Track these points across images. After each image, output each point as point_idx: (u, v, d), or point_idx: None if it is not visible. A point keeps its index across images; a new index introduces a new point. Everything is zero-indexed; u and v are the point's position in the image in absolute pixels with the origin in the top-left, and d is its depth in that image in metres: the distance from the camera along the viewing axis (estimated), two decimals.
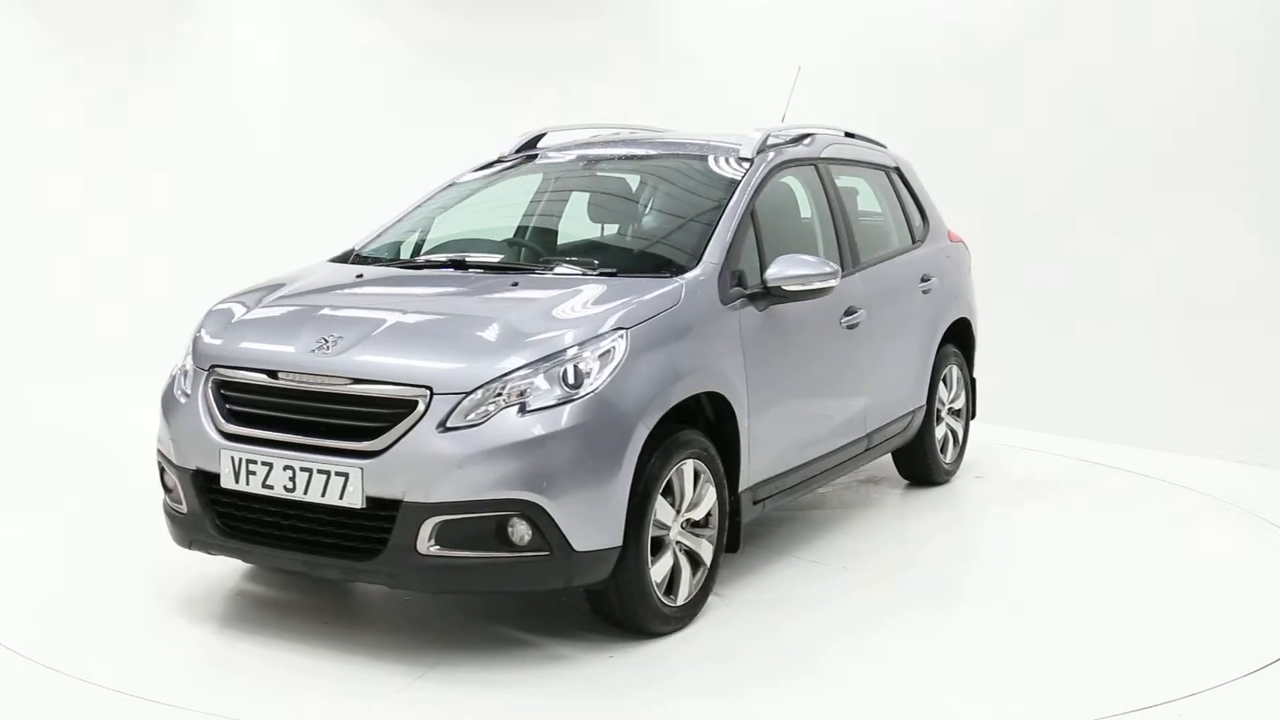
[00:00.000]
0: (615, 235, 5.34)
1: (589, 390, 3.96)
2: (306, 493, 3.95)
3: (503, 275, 4.69)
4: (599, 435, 3.94)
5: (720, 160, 5.23)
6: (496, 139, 6.20)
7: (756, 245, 4.85)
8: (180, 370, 4.49)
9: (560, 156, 5.73)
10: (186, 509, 4.28)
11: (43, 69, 10.01)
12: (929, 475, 6.35)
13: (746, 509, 4.67)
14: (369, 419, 3.94)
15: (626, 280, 4.49)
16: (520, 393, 3.91)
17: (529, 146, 5.86)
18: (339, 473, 3.90)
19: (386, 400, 3.94)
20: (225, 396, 4.24)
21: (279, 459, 4.00)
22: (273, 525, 4.09)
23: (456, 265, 4.87)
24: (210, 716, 3.67)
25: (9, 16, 9.92)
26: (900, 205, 6.26)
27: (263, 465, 4.03)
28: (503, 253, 5.16)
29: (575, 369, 3.98)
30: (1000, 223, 7.86)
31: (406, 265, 5.04)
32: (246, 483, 4.06)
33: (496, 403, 3.90)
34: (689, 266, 4.56)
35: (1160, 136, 7.50)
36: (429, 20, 10.49)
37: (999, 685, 4.03)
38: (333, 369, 4.04)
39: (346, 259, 5.17)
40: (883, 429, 5.72)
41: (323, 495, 3.92)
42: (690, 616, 4.39)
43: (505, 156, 5.81)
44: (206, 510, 4.20)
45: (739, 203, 4.86)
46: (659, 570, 4.20)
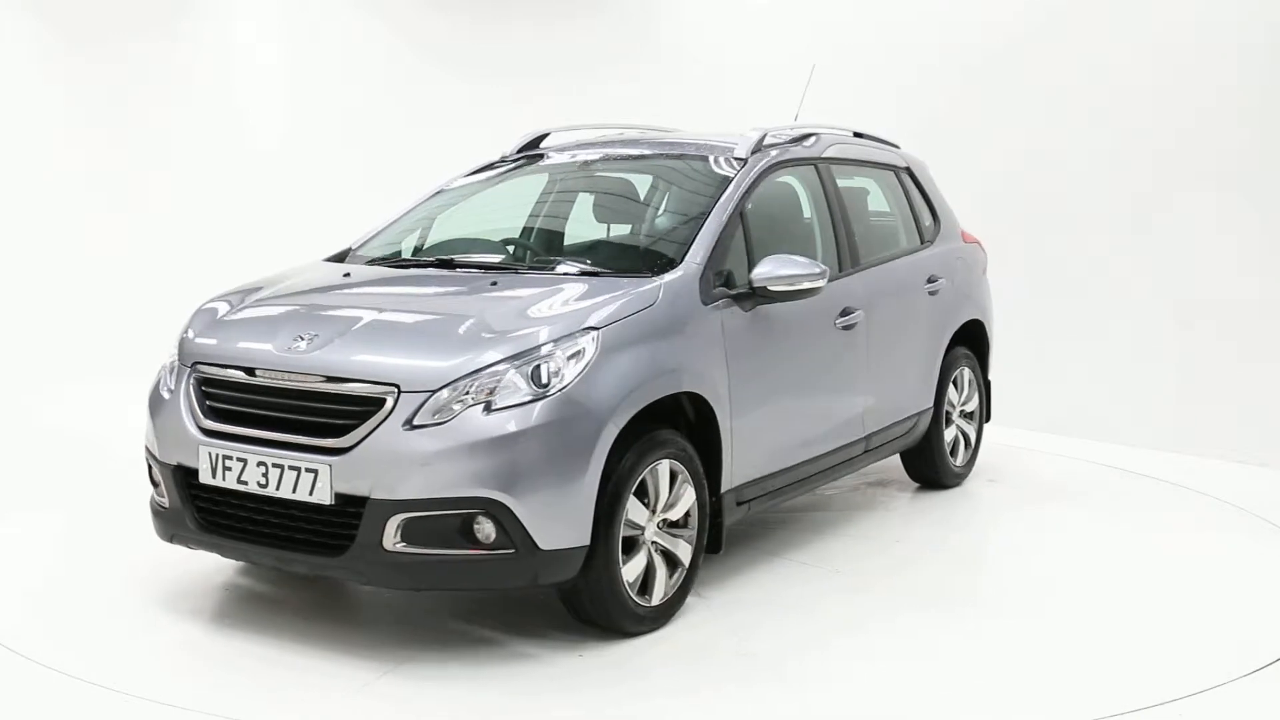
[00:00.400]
0: (604, 235, 5.36)
1: (557, 389, 3.97)
2: (279, 489, 4.00)
3: (485, 275, 4.71)
4: (565, 434, 3.94)
5: (714, 160, 5.21)
6: (496, 139, 6.21)
7: (746, 245, 4.84)
8: (165, 367, 4.57)
9: (557, 157, 5.73)
10: (168, 504, 4.36)
11: (43, 69, 10.01)
12: (938, 478, 6.30)
13: (730, 510, 4.66)
14: (339, 416, 3.99)
15: (606, 280, 4.49)
16: (488, 391, 3.94)
17: (531, 146, 5.87)
18: (309, 469, 3.95)
19: (356, 398, 3.99)
20: (206, 393, 4.31)
21: (253, 455, 4.06)
22: (248, 521, 4.14)
23: (444, 265, 4.91)
24: (166, 707, 3.73)
25: (9, 16, 9.93)
26: (909, 206, 6.21)
27: (238, 461, 4.08)
28: (490, 253, 5.16)
29: (544, 368, 4.00)
30: (999, 223, 7.86)
31: (395, 265, 5.07)
32: (223, 478, 4.12)
33: (463, 401, 3.92)
34: (672, 267, 4.57)
35: (1160, 136, 7.50)
36: (429, 20, 10.49)
37: (998, 686, 4.02)
38: (306, 366, 4.10)
39: (342, 259, 5.23)
40: (883, 431, 5.68)
41: (294, 491, 3.97)
42: (667, 617, 4.38)
43: (507, 156, 5.83)
44: (187, 505, 4.27)
45: (728, 203, 4.85)
46: (631, 570, 4.20)
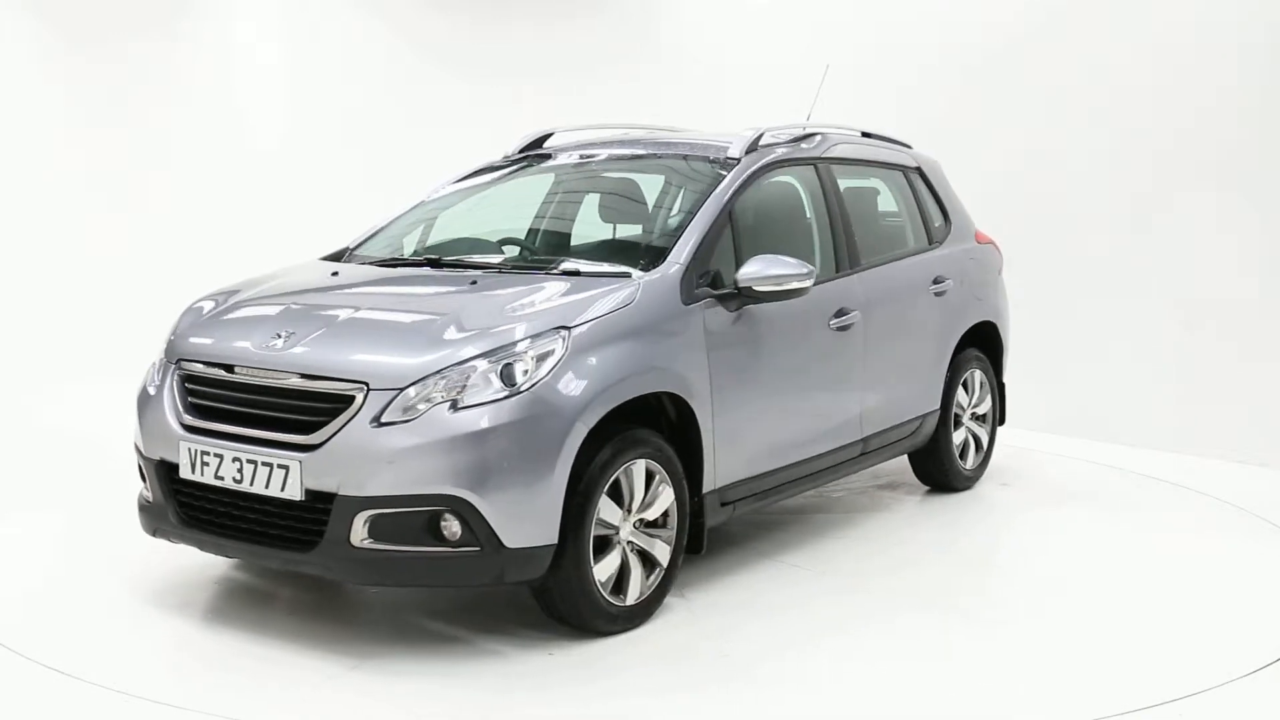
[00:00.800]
0: (596, 235, 5.37)
1: (524, 388, 3.98)
2: (252, 484, 4.06)
3: (467, 274, 4.72)
4: (533, 433, 3.96)
5: (707, 160, 5.20)
6: (497, 139, 6.22)
7: (734, 245, 4.82)
8: (153, 365, 4.64)
9: (555, 158, 5.74)
10: (152, 498, 4.45)
11: (43, 69, 10.02)
12: (948, 481, 6.24)
13: (713, 511, 4.65)
14: (311, 413, 4.04)
15: (585, 280, 4.49)
16: (456, 389, 3.96)
17: (534, 146, 5.87)
18: (280, 465, 4.00)
19: (327, 395, 4.03)
20: (188, 389, 4.38)
21: (229, 451, 4.11)
22: (225, 516, 4.20)
23: (432, 264, 4.93)
24: (135, 699, 3.78)
25: (9, 16, 9.93)
26: (918, 206, 6.16)
27: (215, 457, 4.15)
28: (480, 253, 5.16)
29: (513, 367, 4.01)
30: (998, 223, 7.85)
31: (383, 264, 5.08)
32: (202, 473, 4.19)
33: (431, 399, 3.94)
34: (655, 266, 4.57)
35: (1160, 136, 7.50)
36: (429, 20, 10.49)
37: (997, 686, 4.02)
38: (281, 364, 4.16)
39: (339, 258, 5.26)
40: (883, 433, 5.63)
41: (266, 487, 4.02)
42: (644, 616, 4.38)
43: (509, 156, 5.84)
44: (169, 500, 4.34)
45: (715, 203, 4.84)
46: (604, 569, 4.20)
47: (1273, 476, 6.77)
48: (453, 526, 3.92)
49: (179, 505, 4.32)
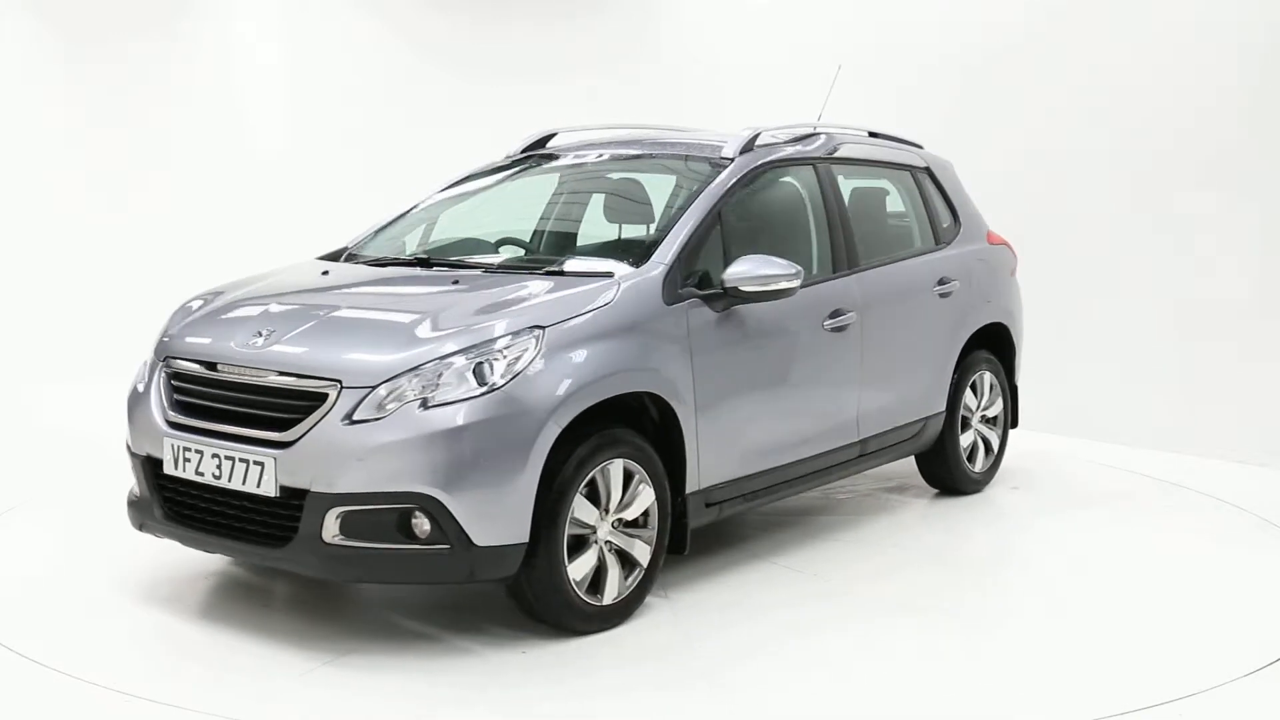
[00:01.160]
0: (595, 235, 5.38)
1: (495, 387, 3.99)
2: (230, 481, 4.11)
3: (451, 274, 4.75)
4: (502, 432, 3.96)
5: (701, 160, 5.19)
6: (497, 139, 6.22)
7: (724, 246, 4.82)
8: (144, 363, 4.69)
9: (556, 159, 5.74)
10: (139, 494, 4.53)
11: (43, 69, 10.01)
12: (955, 484, 6.19)
13: (697, 512, 4.64)
14: (287, 410, 4.08)
15: (566, 279, 4.50)
16: (427, 388, 3.98)
17: (537, 146, 5.87)
18: (256, 462, 4.05)
19: (301, 392, 4.08)
20: (174, 387, 4.45)
21: (209, 447, 4.17)
22: (206, 512, 4.26)
23: (421, 264, 4.96)
24: (109, 692, 3.84)
25: (9, 16, 9.93)
26: (925, 206, 6.11)
27: (195, 453, 4.21)
28: (471, 253, 5.17)
29: (485, 365, 4.03)
30: (997, 224, 7.86)
31: (375, 264, 5.10)
32: (184, 469, 4.25)
33: (402, 397, 3.97)
34: (639, 265, 4.58)
35: (1160, 136, 7.50)
36: (429, 20, 10.49)
37: (997, 686, 4.02)
38: (260, 361, 4.21)
39: (337, 258, 5.28)
40: (883, 435, 5.59)
41: (243, 483, 4.08)
42: (622, 616, 4.37)
43: (512, 156, 5.84)
44: (155, 495, 4.41)
45: (703, 204, 4.83)
46: (579, 568, 4.20)
47: (1273, 476, 6.77)
48: (423, 524, 3.95)
49: (163, 501, 4.39)
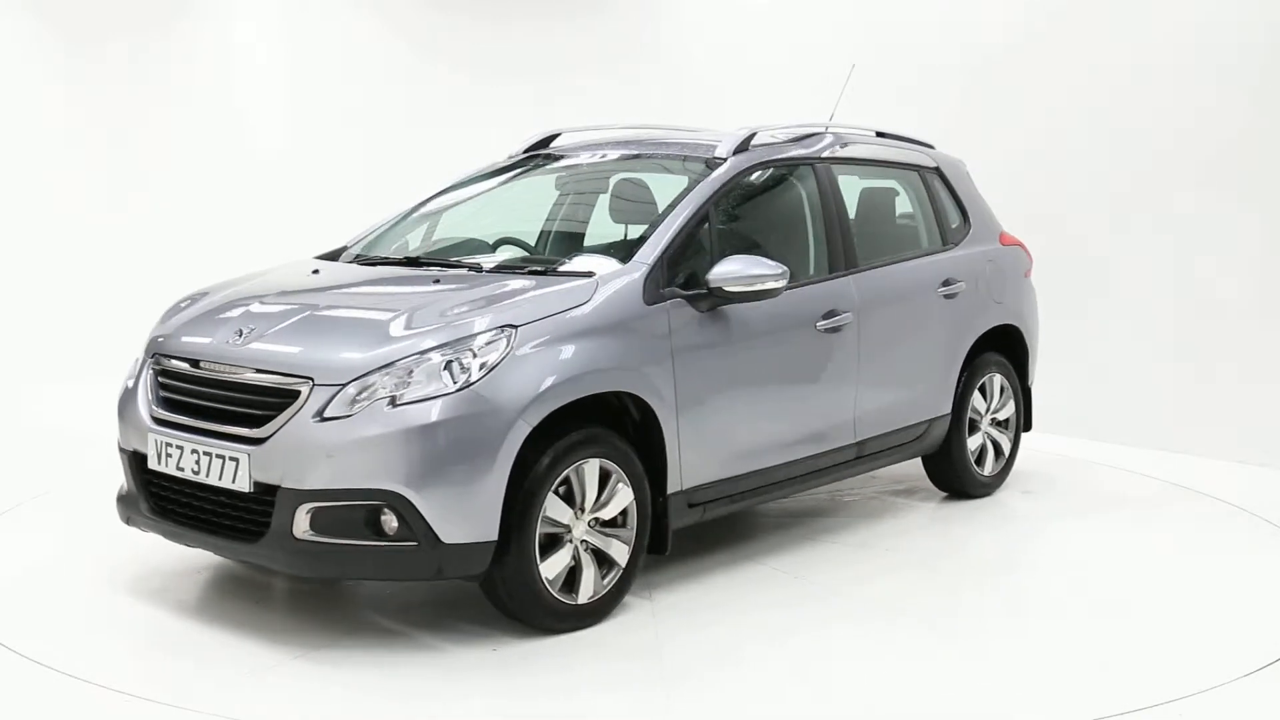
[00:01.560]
0: (588, 235, 5.41)
1: (463, 386, 4.01)
2: (208, 476, 4.18)
3: (443, 272, 4.78)
4: (470, 430, 3.98)
5: (696, 160, 5.17)
6: (497, 138, 6.23)
7: (712, 245, 4.80)
8: (135, 360, 4.77)
9: (557, 159, 5.74)
10: (127, 489, 4.61)
11: (43, 69, 10.01)
12: (963, 487, 6.13)
13: (679, 513, 4.62)
14: (262, 407, 4.14)
15: (545, 279, 4.51)
16: (397, 386, 4.00)
17: (540, 146, 5.87)
18: (232, 458, 4.11)
19: (275, 390, 4.14)
20: (160, 383, 4.53)
21: (189, 443, 4.25)
22: (187, 506, 4.34)
23: (411, 264, 5.00)
24: (85, 684, 3.89)
25: (9, 16, 9.93)
26: (933, 207, 6.05)
27: (177, 448, 4.28)
28: (468, 253, 5.18)
29: (455, 364, 4.04)
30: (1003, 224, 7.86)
31: (365, 263, 5.14)
32: (166, 465, 4.33)
33: (373, 395, 3.99)
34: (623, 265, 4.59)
35: (1160, 136, 7.49)
36: (429, 20, 10.48)
37: (996, 686, 4.02)
38: (238, 359, 4.29)
39: (335, 257, 5.31)
40: (881, 437, 5.54)
41: (220, 479, 4.14)
42: (599, 615, 4.38)
43: (514, 156, 5.84)
44: (141, 490, 4.50)
45: (690, 203, 4.82)
46: (552, 566, 4.20)
47: (1273, 476, 6.76)
48: (391, 521, 3.97)
49: (149, 495, 4.46)
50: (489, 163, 5.89)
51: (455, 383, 4.01)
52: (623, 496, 4.40)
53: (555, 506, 4.20)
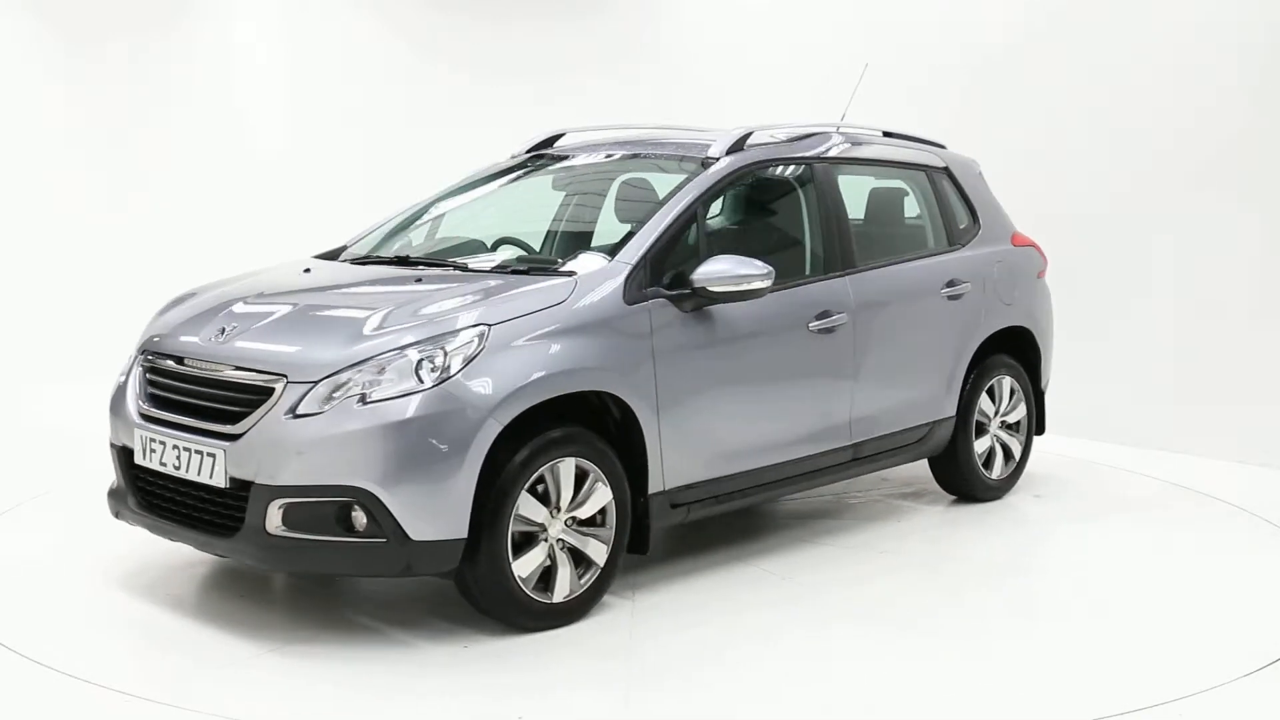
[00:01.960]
0: (579, 234, 5.43)
1: (434, 384, 4.03)
2: (187, 471, 4.24)
3: (426, 271, 4.81)
4: (439, 428, 4.00)
5: (692, 160, 5.15)
6: (498, 138, 6.23)
7: (700, 245, 4.78)
8: (129, 357, 4.83)
9: (556, 159, 5.73)
10: (117, 484, 4.69)
11: (43, 69, 10.01)
12: (970, 491, 6.04)
13: (662, 513, 4.61)
14: (239, 404, 4.20)
15: (524, 278, 4.53)
16: (369, 384, 4.03)
17: (543, 146, 5.87)
18: (209, 453, 4.17)
19: (251, 387, 4.20)
20: (148, 380, 4.61)
21: (170, 439, 4.32)
22: (170, 501, 4.40)
23: (401, 263, 5.03)
24: (84, 683, 3.91)
25: (9, 16, 9.92)
26: (940, 207, 5.99)
27: (160, 444, 4.36)
28: (458, 252, 5.17)
29: (427, 362, 4.06)
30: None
31: (356, 262, 5.16)
32: (150, 460, 4.40)
33: (343, 392, 4.03)
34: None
35: (1160, 136, 7.49)
36: (429, 20, 10.48)
37: (996, 687, 4.01)
38: (219, 356, 4.36)
39: (334, 257, 5.33)
40: (880, 439, 5.48)
41: (198, 474, 4.21)
42: (576, 614, 4.38)
43: (517, 156, 5.85)
44: (129, 485, 4.57)
45: (677, 203, 4.81)
46: (525, 565, 4.20)
47: (1273, 476, 6.76)
48: (360, 518, 4.00)
49: (136, 490, 4.53)
50: (492, 163, 5.89)
51: (426, 381, 4.03)
52: (600, 496, 4.39)
53: (529, 505, 4.20)
